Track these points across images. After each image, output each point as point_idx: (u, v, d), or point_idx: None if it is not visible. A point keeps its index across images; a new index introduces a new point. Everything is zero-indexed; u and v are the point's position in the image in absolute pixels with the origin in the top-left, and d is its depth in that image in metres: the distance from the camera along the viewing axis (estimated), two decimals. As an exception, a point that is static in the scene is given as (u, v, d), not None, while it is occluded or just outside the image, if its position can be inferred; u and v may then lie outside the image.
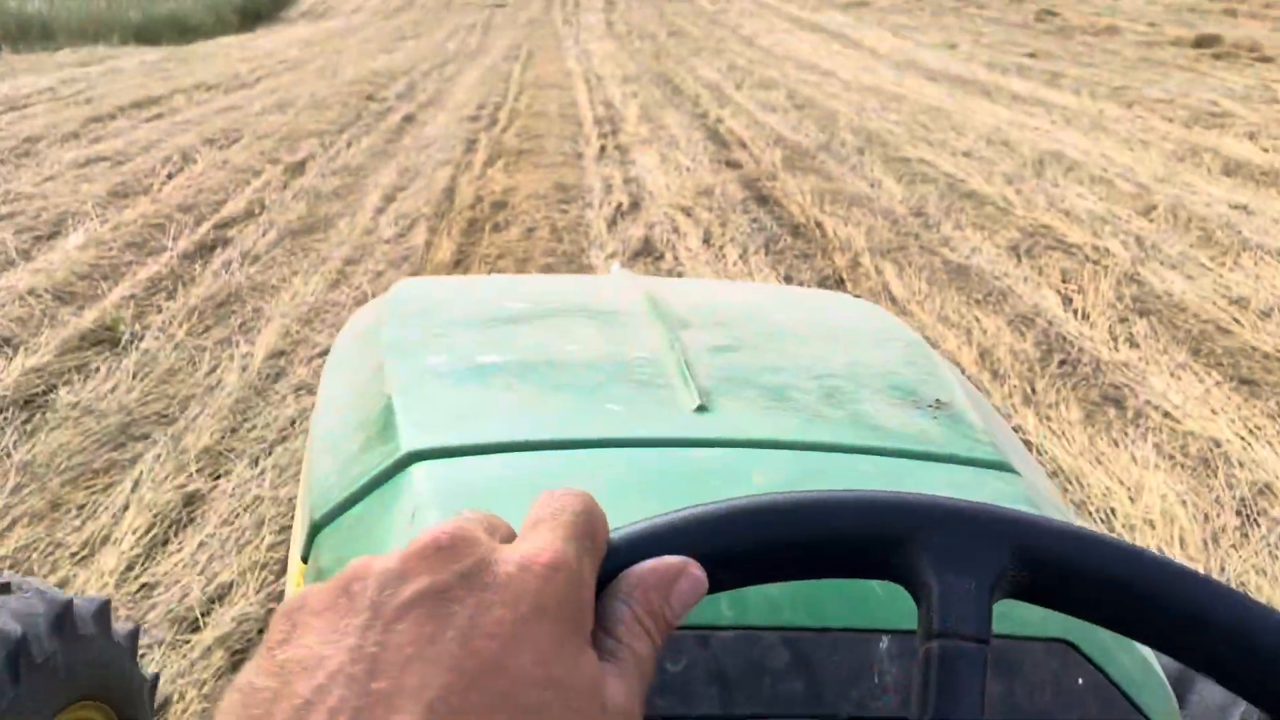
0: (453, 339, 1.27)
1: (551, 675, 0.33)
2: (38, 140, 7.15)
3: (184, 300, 4.40)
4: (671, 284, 1.79)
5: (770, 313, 1.52)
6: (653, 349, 1.19)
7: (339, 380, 1.28)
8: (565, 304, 1.44)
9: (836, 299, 1.83)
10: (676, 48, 14.03)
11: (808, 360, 1.25)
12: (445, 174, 6.75)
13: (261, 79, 10.47)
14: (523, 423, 1.02)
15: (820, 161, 7.57)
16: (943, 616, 0.41)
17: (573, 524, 0.38)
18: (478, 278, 1.85)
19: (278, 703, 0.32)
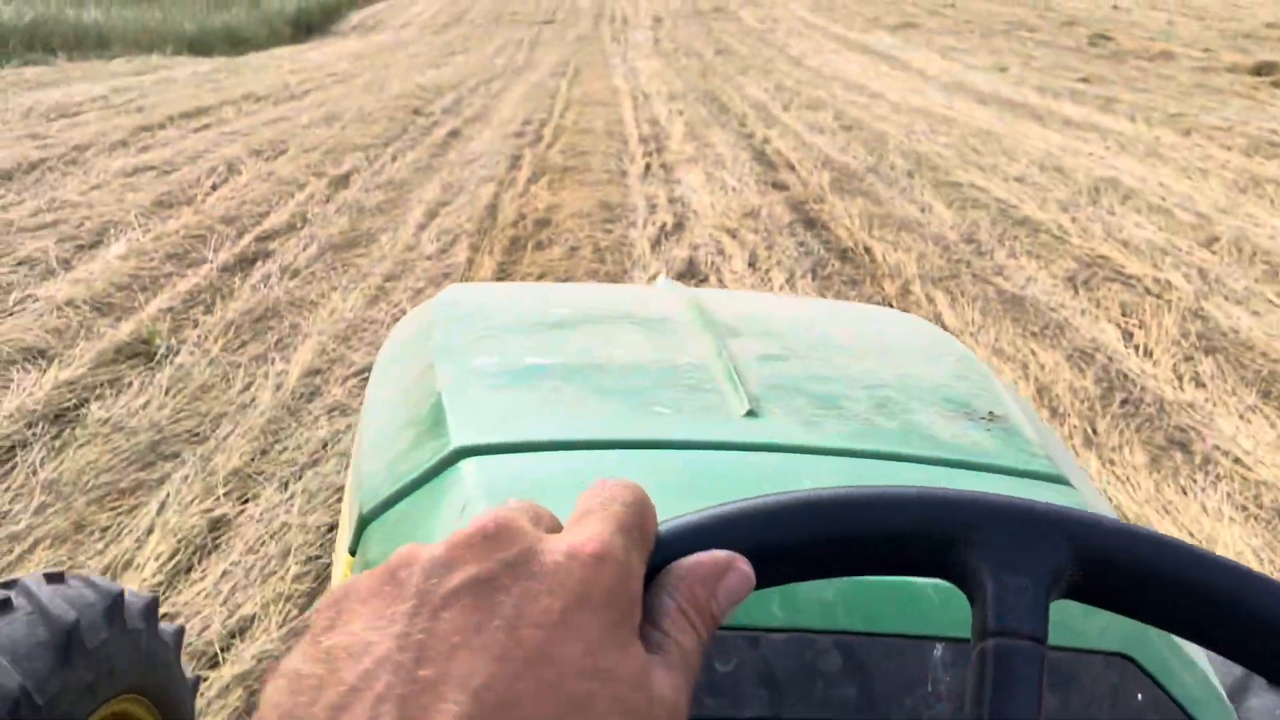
0: (501, 341, 1.28)
1: (599, 666, 0.33)
2: (87, 148, 7.16)
3: (221, 314, 4.32)
4: (719, 295, 1.80)
5: (819, 325, 1.52)
6: (700, 356, 1.19)
7: (388, 380, 1.28)
8: (612, 311, 1.45)
9: (886, 314, 1.80)
10: (723, 66, 13.92)
11: (858, 371, 1.24)
12: (489, 190, 6.67)
13: (310, 91, 10.49)
14: (571, 422, 1.02)
15: (869, 184, 7.40)
16: (999, 615, 0.40)
17: (622, 515, 0.37)
18: (525, 285, 1.82)
19: (324, 689, 0.32)
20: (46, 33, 12.33)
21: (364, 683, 0.31)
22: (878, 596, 0.75)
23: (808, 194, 7.04)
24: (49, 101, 8.88)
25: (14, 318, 4.15)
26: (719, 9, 21.10)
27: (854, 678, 0.74)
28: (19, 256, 4.82)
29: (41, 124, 7.99)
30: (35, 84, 10.05)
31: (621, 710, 0.32)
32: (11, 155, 6.73)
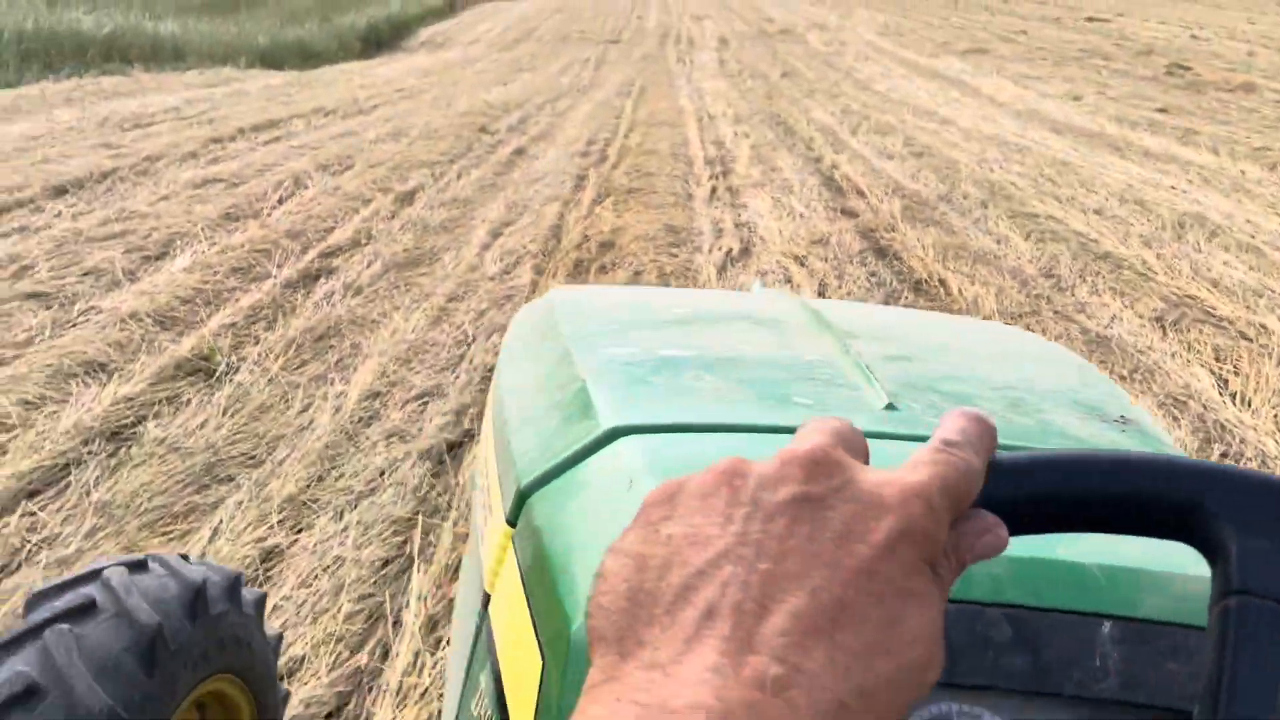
0: (630, 335, 1.33)
1: (914, 589, 0.36)
2: (158, 159, 7.19)
3: (283, 332, 4.24)
4: (823, 302, 1.81)
5: (932, 331, 1.53)
6: (826, 354, 1.22)
7: (521, 367, 1.32)
8: (725, 312, 1.52)
9: (992, 325, 1.92)
10: (790, 89, 13.75)
11: (984, 374, 1.27)
12: (553, 210, 6.57)
13: (378, 106, 10.52)
14: (717, 408, 1.06)
15: (941, 213, 7.18)
16: (1242, 574, 0.42)
17: (950, 476, 0.40)
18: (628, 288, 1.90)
19: (670, 569, 0.35)
20: (124, 44, 12.55)
21: (710, 567, 0.35)
22: (1046, 573, 0.77)
23: (878, 222, 6.84)
24: (124, 111, 8.99)
25: (77, 329, 4.11)
26: (785, 31, 20.95)
27: (1024, 649, 0.75)
28: (86, 266, 4.80)
29: (116, 133, 8.06)
30: (112, 94, 10.20)
31: (926, 631, 0.35)
32: (85, 164, 6.78)
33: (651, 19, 23.80)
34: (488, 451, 1.27)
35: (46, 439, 3.17)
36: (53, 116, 8.54)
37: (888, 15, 23.85)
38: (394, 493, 3.05)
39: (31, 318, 4.17)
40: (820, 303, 1.76)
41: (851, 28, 21.58)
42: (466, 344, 4.29)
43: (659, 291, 2.19)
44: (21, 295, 4.38)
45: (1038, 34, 20.48)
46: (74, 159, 6.95)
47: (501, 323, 4.50)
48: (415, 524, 2.92)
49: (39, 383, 3.58)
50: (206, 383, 3.75)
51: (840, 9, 25.35)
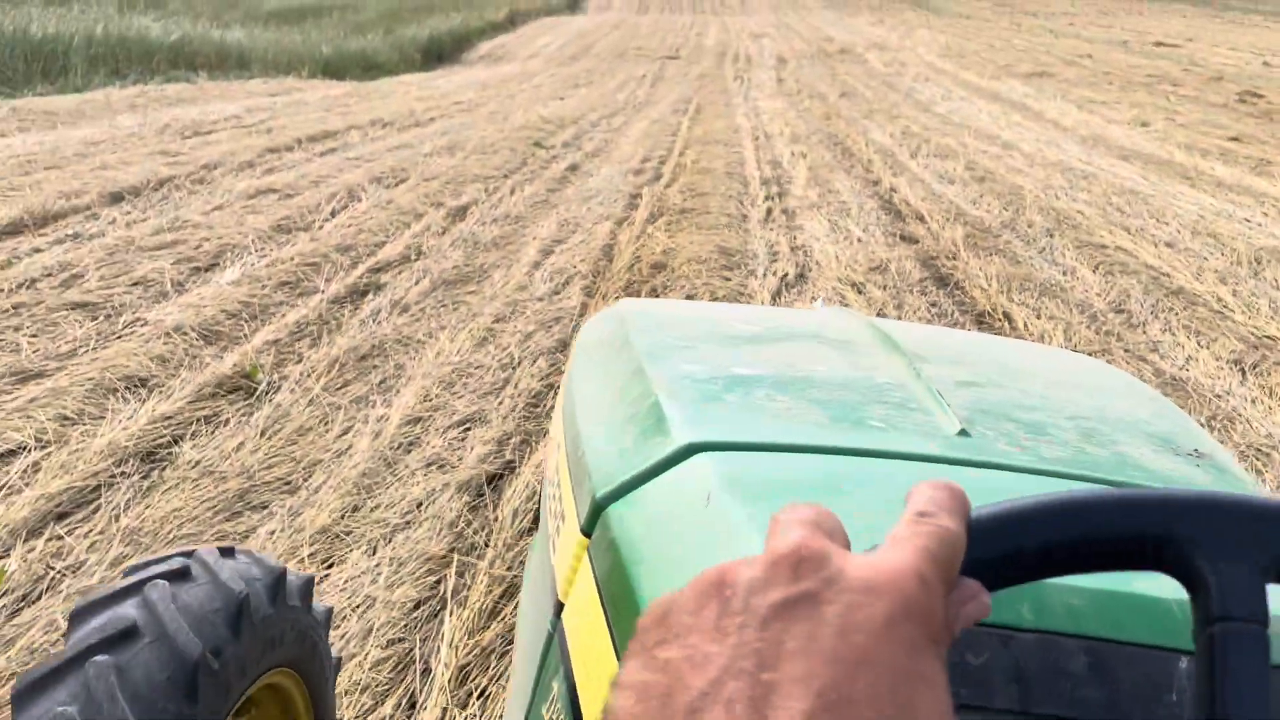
0: (702, 351, 1.34)
1: (921, 671, 0.35)
2: (215, 167, 7.18)
3: (326, 350, 4.14)
4: (890, 323, 1.78)
5: (1001, 357, 1.51)
6: (897, 377, 1.22)
7: (593, 380, 1.32)
8: (794, 331, 1.51)
9: (1061, 352, 1.82)
10: (848, 109, 13.53)
11: (1057, 402, 1.25)
12: (605, 229, 6.43)
13: (435, 119, 10.48)
14: (792, 428, 1.06)
15: (1005, 242, 6.93)
16: (1220, 601, 0.42)
17: (936, 549, 0.39)
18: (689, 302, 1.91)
19: (675, 695, 0.35)
20: (191, 51, 12.69)
21: (713, 688, 0.34)
22: (1123, 606, 0.76)
23: (939, 249, 6.61)
24: (185, 119, 9.02)
25: (122, 341, 4.04)
26: (845, 51, 20.71)
27: (1101, 681, 0.74)
28: (135, 276, 4.75)
29: (176, 141, 8.08)
30: (175, 100, 10.27)
31: (938, 711, 0.34)
32: (143, 171, 6.77)
33: (710, 37, 23.68)
34: (559, 458, 1.26)
35: (80, 458, 3.07)
36: (115, 122, 8.59)
37: (949, 36, 23.50)
38: (430, 527, 2.91)
39: (77, 328, 4.10)
40: (887, 323, 1.73)
41: (912, 48, 21.28)
42: (512, 367, 4.15)
43: (724, 307, 2.15)
44: (69, 305, 4.32)
45: (1103, 58, 20.02)
46: (133, 166, 6.96)
47: (548, 346, 4.36)
48: (450, 562, 2.77)
49: (79, 397, 3.49)
50: (246, 401, 3.65)
51: (901, 29, 25.04)
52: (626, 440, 1.08)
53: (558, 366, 4.17)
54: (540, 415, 3.73)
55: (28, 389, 3.54)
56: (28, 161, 6.83)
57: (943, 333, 1.96)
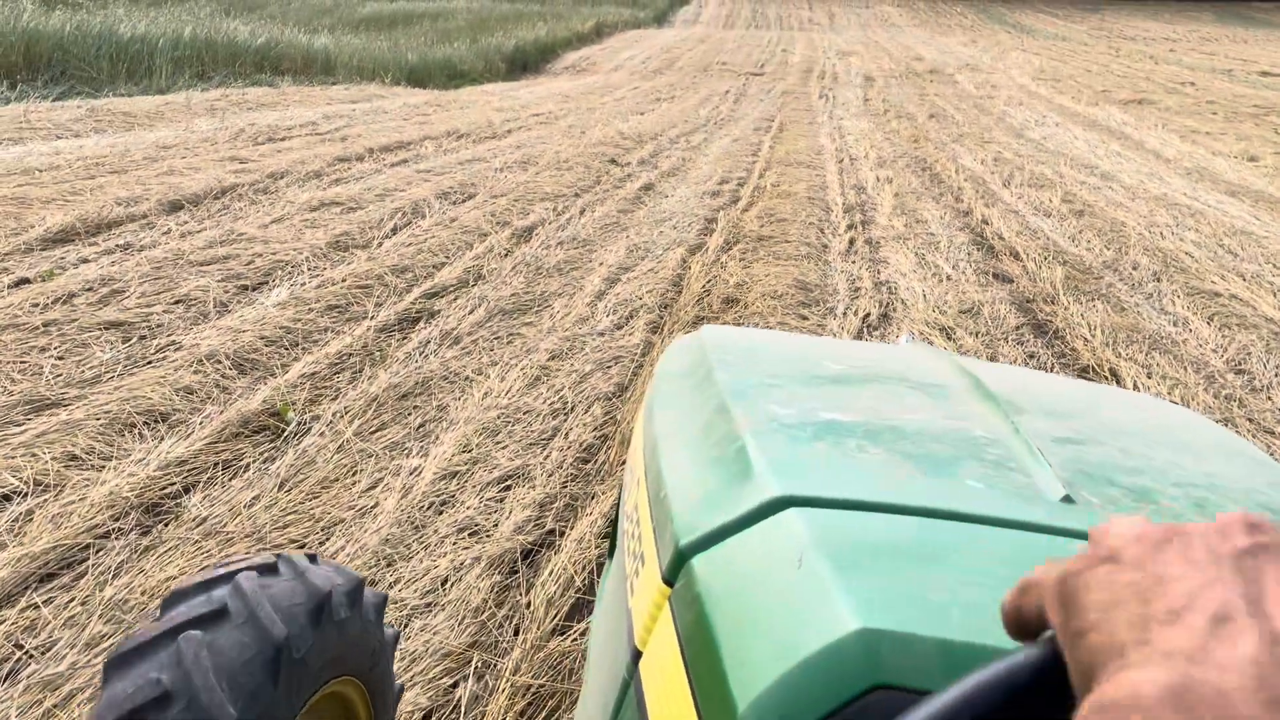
0: (789, 391, 1.30)
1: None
2: (281, 176, 6.92)
3: (366, 386, 3.77)
4: (980, 364, 1.64)
5: (1100, 408, 1.46)
6: (993, 430, 1.17)
7: (675, 414, 1.27)
8: (883, 370, 1.45)
9: (1158, 402, 1.65)
10: (937, 132, 12.90)
11: (1161, 465, 1.18)
12: (676, 257, 5.99)
13: (512, 131, 10.17)
14: (888, 485, 1.02)
15: (1108, 285, 6.32)
16: None
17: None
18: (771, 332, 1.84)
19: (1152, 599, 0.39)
20: (276, 55, 12.60)
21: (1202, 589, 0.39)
22: None
23: (1036, 291, 6.04)
24: (262, 124, 8.83)
25: (151, 368, 3.73)
26: (934, 71, 20.00)
27: None
28: (178, 294, 4.45)
29: (248, 147, 7.87)
30: (255, 105, 10.12)
31: None
32: (207, 179, 6.54)
33: (796, 53, 23.12)
34: (639, 495, 1.21)
35: (76, 510, 2.74)
36: (192, 126, 8.43)
37: (1043, 59, 22.59)
38: (452, 613, 2.51)
39: (106, 351, 3.81)
40: (976, 365, 1.63)
41: (1004, 70, 20.47)
42: (564, 414, 3.74)
43: (807, 339, 1.99)
44: (102, 324, 4.03)
45: (1206, 86, 19.00)
46: (199, 172, 6.73)
47: (604, 391, 3.95)
48: (470, 660, 2.37)
49: (91, 433, 3.18)
50: (271, 444, 3.29)
51: (993, 51, 24.18)
52: (712, 484, 1.04)
53: (612, 416, 3.76)
54: (590, 475, 3.32)
55: (40, 421, 3.23)
56: (95, 164, 6.65)
57: (1028, 375, 1.82)
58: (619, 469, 3.34)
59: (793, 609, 0.80)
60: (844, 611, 0.74)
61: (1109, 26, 32.96)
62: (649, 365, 4.27)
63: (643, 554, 1.07)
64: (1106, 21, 34.90)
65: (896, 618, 0.73)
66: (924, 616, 0.74)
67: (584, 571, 2.69)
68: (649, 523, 1.09)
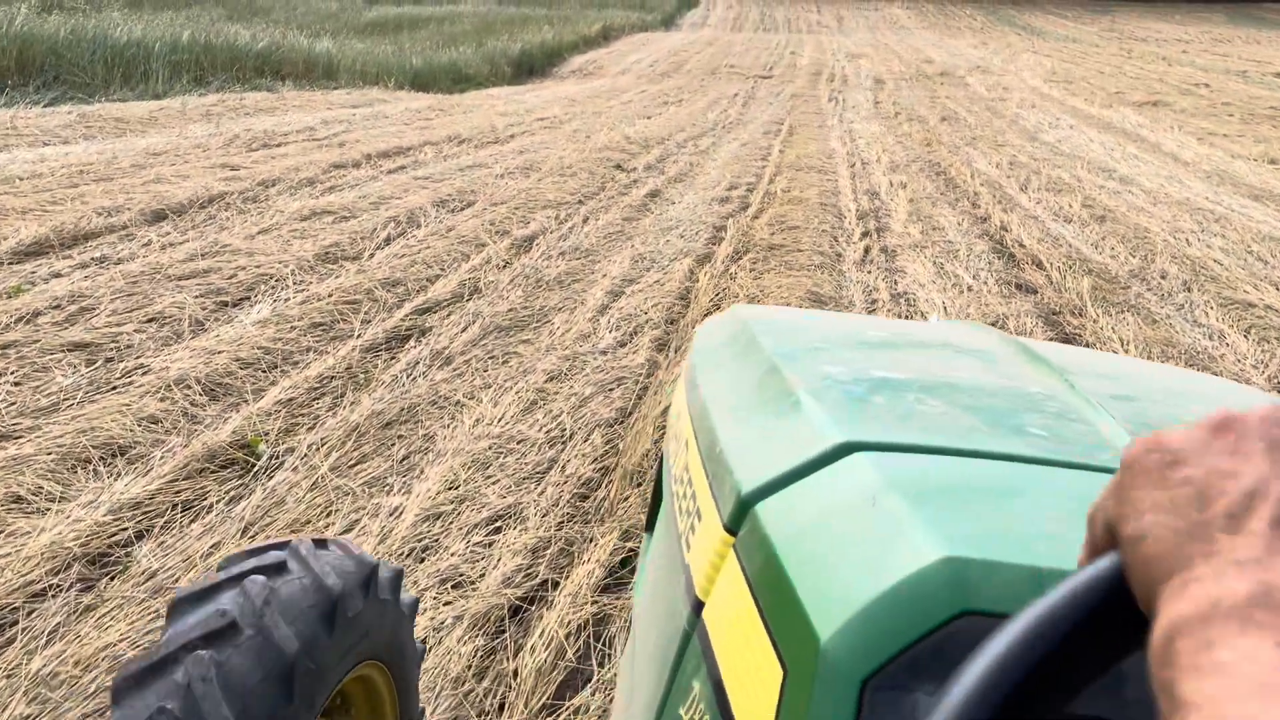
0: (838, 354, 1.27)
1: None
2: (273, 184, 6.62)
3: (346, 414, 3.46)
4: (1021, 338, 1.48)
5: (1146, 374, 1.41)
6: (1050, 387, 1.14)
7: (722, 381, 1.25)
8: (926, 339, 1.43)
9: (1200, 375, 1.55)
10: (950, 135, 12.56)
11: None
12: (683, 267, 5.67)
13: (515, 136, 9.86)
14: (951, 431, 1.00)
15: (1137, 295, 5.99)
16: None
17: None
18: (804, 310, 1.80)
19: (1209, 501, 0.38)
20: (277, 60, 12.31)
21: (1261, 486, 0.38)
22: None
23: (1062, 302, 5.70)
24: (257, 129, 8.54)
25: (115, 394, 3.42)
26: (945, 74, 19.64)
27: None
28: (152, 311, 4.15)
29: (241, 153, 7.57)
30: (253, 110, 9.83)
31: None
32: (195, 187, 6.24)
33: (805, 56, 22.79)
34: (689, 457, 1.17)
35: (10, 564, 2.43)
36: (185, 131, 8.14)
37: (1055, 61, 22.21)
38: (427, 683, 2.19)
39: (67, 376, 3.50)
40: (1020, 338, 1.54)
41: (1016, 72, 20.10)
42: (561, 443, 3.42)
43: (844, 316, 1.94)
44: (66, 345, 3.73)
45: (1221, 87, 18.61)
46: (188, 180, 6.43)
47: (606, 417, 3.63)
48: (446, 744, 2.05)
49: (41, 470, 2.87)
50: (240, 481, 2.99)
51: (1004, 53, 23.80)
52: (771, 437, 1.02)
53: (614, 445, 3.44)
54: (588, 514, 3.00)
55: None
56: (80, 172, 6.36)
57: (1077, 350, 1.73)
58: (620, 506, 3.02)
59: (870, 545, 0.79)
60: (926, 542, 0.73)
61: (1120, 28, 32.54)
62: (654, 387, 3.95)
63: (698, 510, 1.05)
64: (1117, 23, 34.47)
65: (980, 547, 0.72)
66: (1006, 546, 0.73)
67: (578, 637, 2.37)
68: (704, 479, 1.06)
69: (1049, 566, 0.70)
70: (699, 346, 1.44)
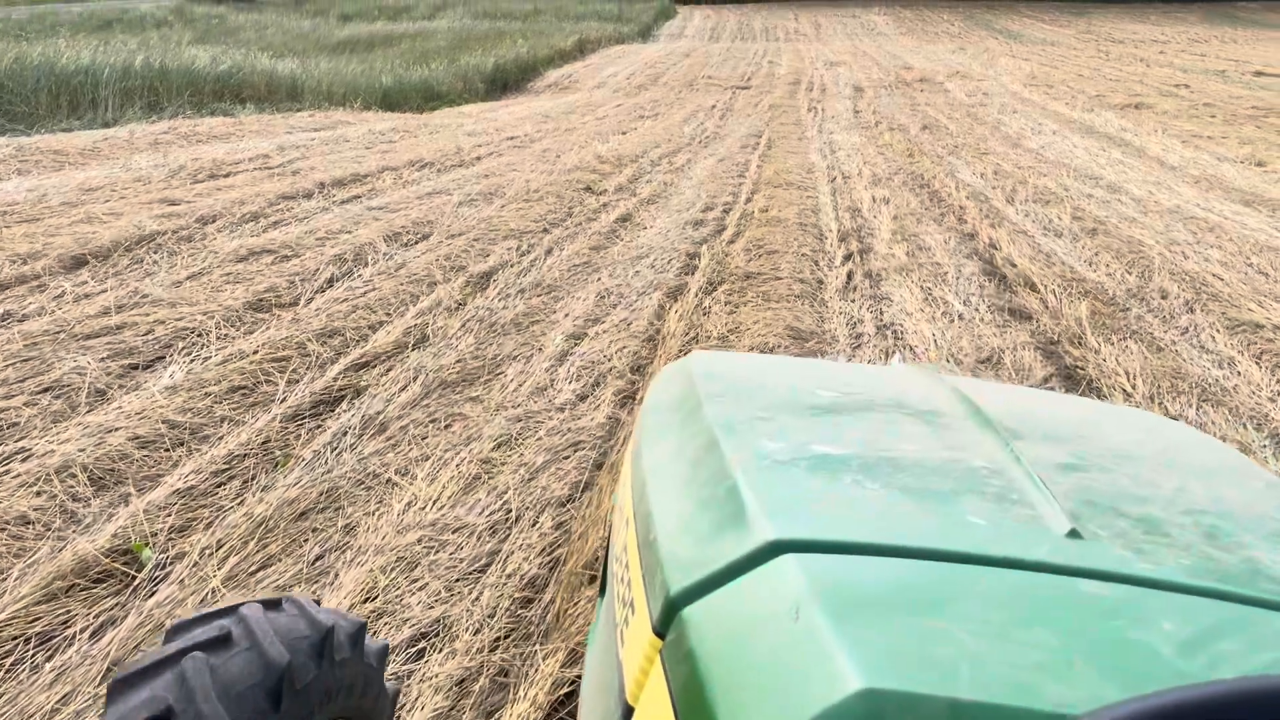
0: (779, 424, 1.24)
1: None
2: (213, 220, 6.11)
3: (254, 504, 2.96)
4: (970, 383, 1.46)
5: (1099, 429, 1.38)
6: (993, 458, 1.12)
7: (663, 449, 1.20)
8: (875, 396, 1.39)
9: (1155, 419, 1.50)
10: (932, 144, 12.13)
11: (1169, 491, 1.13)
12: (653, 304, 5.19)
13: (481, 158, 9.37)
14: (886, 525, 0.97)
15: (1137, 318, 5.54)
16: None
17: None
18: (763, 356, 1.55)
19: None
20: (238, 83, 11.77)
21: None
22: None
23: (1060, 329, 5.25)
24: (207, 159, 8.02)
25: (-15, 487, 2.91)
26: (924, 80, 19.25)
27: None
28: (49, 379, 3.64)
29: (184, 186, 7.06)
30: (206, 137, 9.31)
31: None
32: (126, 226, 5.72)
33: (783, 65, 22.37)
34: (628, 535, 1.12)
35: None
36: (129, 163, 7.62)
37: (1034, 64, 21.85)
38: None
39: (-69, 467, 2.99)
40: (969, 384, 1.48)
41: (995, 77, 19.72)
42: (505, 529, 2.94)
43: (797, 363, 1.70)
44: (-62, 427, 3.22)
45: (1201, 88, 18.27)
46: (120, 219, 5.92)
47: (558, 495, 3.14)
48: None
49: None
50: (115, 599, 2.49)
51: (983, 57, 23.42)
52: (703, 528, 0.98)
53: (566, 530, 2.95)
54: (530, 626, 2.51)
55: None
56: (2, 213, 5.84)
57: (1023, 394, 1.65)
58: (568, 615, 2.54)
59: (791, 666, 0.76)
60: (845, 669, 0.70)
61: (1096, 29, 32.25)
62: (614, 452, 3.46)
63: (633, 601, 1.02)
64: (1094, 25, 34.19)
65: (901, 676, 0.69)
66: (929, 673, 0.70)
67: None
68: (638, 568, 1.03)
69: (968, 699, 0.66)
70: (648, 406, 1.39)
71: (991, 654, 0.66)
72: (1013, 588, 0.84)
